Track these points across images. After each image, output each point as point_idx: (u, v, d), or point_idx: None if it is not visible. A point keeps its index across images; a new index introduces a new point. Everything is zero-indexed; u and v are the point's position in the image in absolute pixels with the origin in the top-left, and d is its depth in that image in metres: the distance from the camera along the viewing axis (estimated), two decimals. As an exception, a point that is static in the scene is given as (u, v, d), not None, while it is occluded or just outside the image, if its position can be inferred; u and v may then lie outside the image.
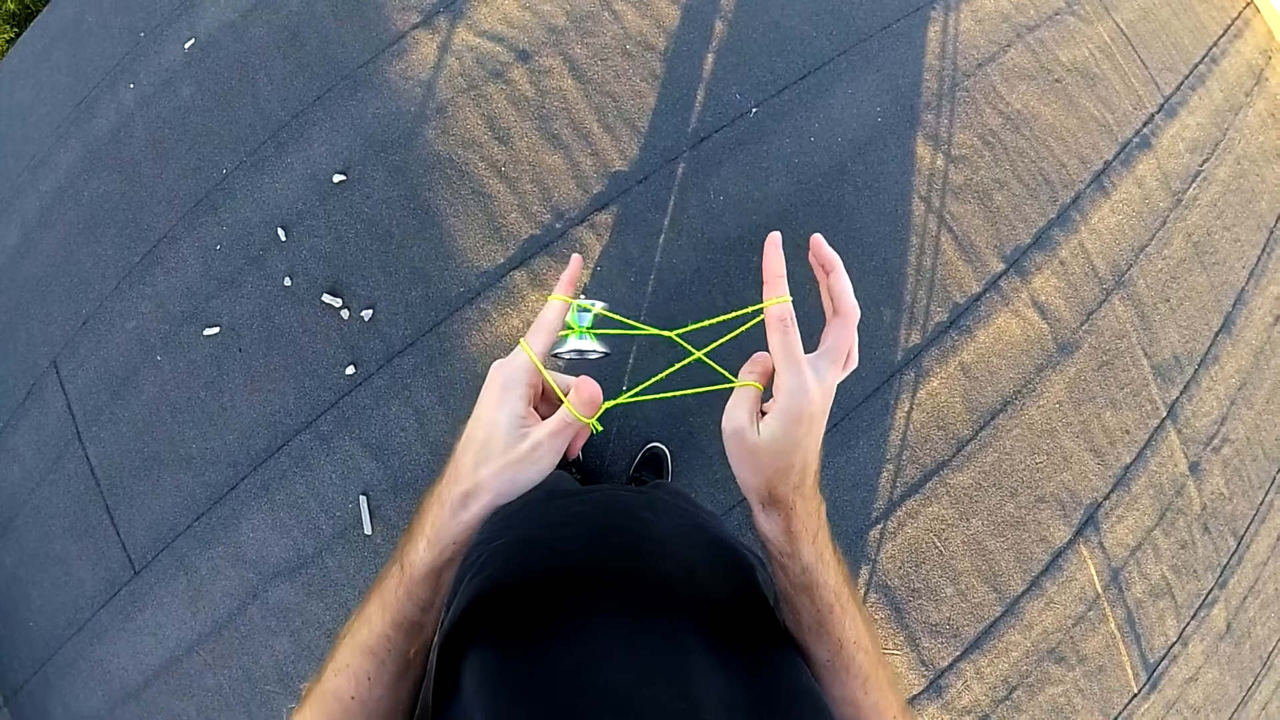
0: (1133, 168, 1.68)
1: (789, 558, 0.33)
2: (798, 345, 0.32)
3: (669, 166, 1.44)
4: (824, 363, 0.33)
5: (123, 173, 1.60)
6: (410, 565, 0.32)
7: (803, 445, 0.32)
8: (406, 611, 0.31)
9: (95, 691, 1.38)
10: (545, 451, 0.32)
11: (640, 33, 1.52)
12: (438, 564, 0.31)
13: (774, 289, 0.33)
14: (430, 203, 1.42)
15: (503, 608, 0.38)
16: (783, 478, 0.32)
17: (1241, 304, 1.71)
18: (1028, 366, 1.47)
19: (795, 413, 0.31)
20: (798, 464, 0.32)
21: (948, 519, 1.37)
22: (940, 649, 1.33)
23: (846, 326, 0.33)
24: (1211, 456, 1.58)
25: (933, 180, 1.52)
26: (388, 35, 1.51)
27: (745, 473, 0.33)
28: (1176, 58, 1.87)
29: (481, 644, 0.35)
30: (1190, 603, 1.49)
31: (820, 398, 0.32)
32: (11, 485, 1.53)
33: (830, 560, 0.34)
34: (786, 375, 0.31)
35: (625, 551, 0.45)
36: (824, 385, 0.32)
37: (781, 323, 0.32)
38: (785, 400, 0.31)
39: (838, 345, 0.33)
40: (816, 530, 0.34)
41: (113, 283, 1.53)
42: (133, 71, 1.67)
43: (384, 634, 0.31)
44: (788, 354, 0.31)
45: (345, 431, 1.33)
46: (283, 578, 1.32)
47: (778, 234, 0.34)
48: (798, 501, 0.33)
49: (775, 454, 0.32)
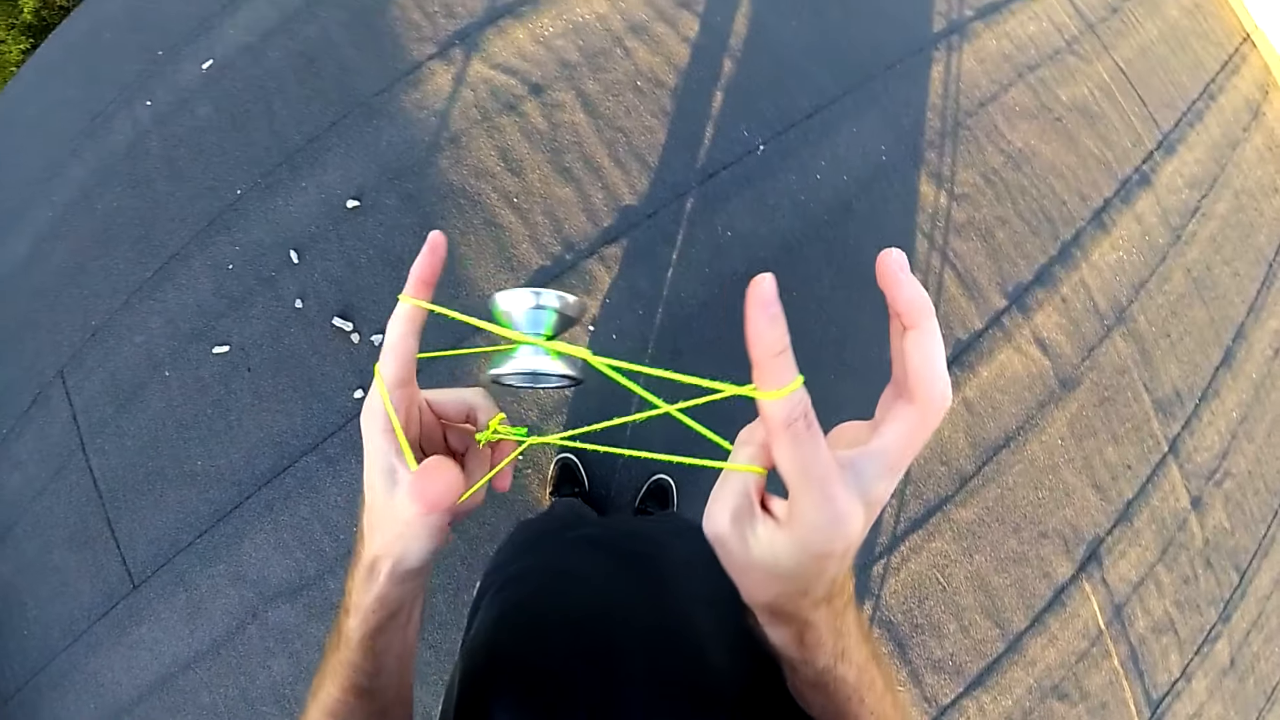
0: (1132, 204, 1.71)
1: (801, 664, 0.27)
2: (820, 456, 0.21)
3: (678, 201, 1.47)
4: (873, 470, 0.21)
5: (136, 188, 1.62)
6: (344, 635, 0.30)
7: (827, 577, 0.23)
8: (354, 679, 0.29)
9: (87, 704, 1.37)
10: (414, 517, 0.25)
11: (651, 70, 1.56)
12: (366, 633, 0.29)
13: (772, 375, 0.20)
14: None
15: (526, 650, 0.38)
16: (793, 600, 0.24)
17: (1241, 338, 1.73)
18: (1030, 402, 1.48)
19: (819, 549, 0.21)
20: (817, 588, 0.23)
21: (951, 554, 1.37)
22: (943, 685, 1.33)
23: (924, 420, 0.22)
24: (1213, 490, 1.59)
25: (936, 217, 1.54)
26: (404, 65, 1.54)
27: (741, 587, 0.25)
28: (1175, 95, 1.91)
29: (509, 693, 0.34)
30: (1193, 638, 1.49)
31: (862, 526, 0.22)
32: (12, 493, 1.53)
33: (854, 650, 0.27)
34: (808, 503, 0.21)
35: (652, 588, 0.45)
36: (870, 503, 0.22)
37: (790, 429, 0.20)
38: (806, 534, 0.21)
39: (903, 445, 0.22)
40: (839, 630, 0.26)
41: (123, 296, 1.55)
42: (149, 89, 1.70)
43: (340, 699, 0.30)
44: (808, 472, 0.20)
45: (352, 455, 1.34)
46: (283, 599, 1.31)
47: (768, 280, 0.21)
48: (817, 616, 0.25)
49: (777, 579, 0.23)
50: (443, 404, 0.31)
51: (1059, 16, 1.85)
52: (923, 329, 0.22)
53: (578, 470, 1.32)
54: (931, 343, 0.22)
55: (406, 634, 0.31)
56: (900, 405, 0.22)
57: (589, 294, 1.42)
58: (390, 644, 0.30)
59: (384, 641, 0.29)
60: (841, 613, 0.26)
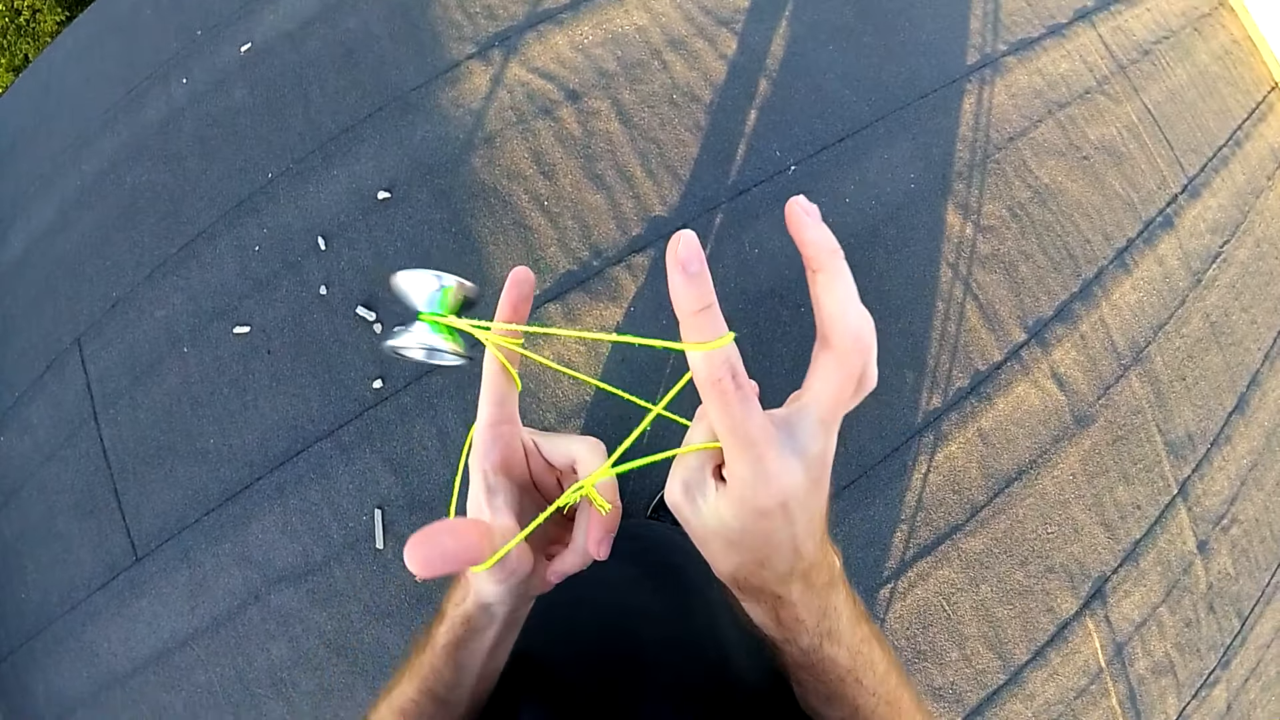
0: (1155, 246, 1.72)
1: (785, 642, 0.27)
2: (752, 415, 0.21)
3: (707, 215, 1.48)
4: (806, 426, 0.21)
5: (167, 164, 1.63)
6: (433, 638, 0.30)
7: (777, 540, 0.22)
8: (430, 684, 0.30)
9: (81, 673, 1.36)
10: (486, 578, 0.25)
11: (688, 84, 1.57)
12: (451, 641, 0.29)
13: (695, 331, 0.21)
14: (471, 229, 1.45)
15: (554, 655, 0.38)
16: (754, 573, 0.24)
17: (1255, 385, 1.73)
18: (1044, 437, 1.48)
19: (754, 507, 0.22)
20: (778, 558, 0.23)
21: (958, 583, 1.37)
22: (943, 713, 1.33)
23: (842, 363, 0.21)
24: (1220, 536, 1.59)
25: (961, 248, 1.55)
26: (442, 63, 1.56)
27: (705, 556, 0.25)
28: (1201, 140, 1.93)
29: (536, 698, 0.35)
30: (1192, 681, 1.49)
31: (800, 481, 0.21)
32: (21, 456, 1.53)
33: (843, 629, 0.26)
34: (736, 460, 0.21)
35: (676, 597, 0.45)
36: (806, 459, 0.21)
37: (717, 385, 0.20)
38: (740, 490, 0.22)
39: (829, 395, 0.21)
40: (823, 610, 0.25)
41: (146, 270, 1.56)
42: (186, 67, 1.72)
43: (413, 699, 0.30)
44: (735, 431, 0.21)
45: (367, 444, 1.34)
46: (287, 583, 1.31)
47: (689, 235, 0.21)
48: (788, 592, 0.24)
49: (737, 547, 0.23)
50: (549, 450, 0.29)
51: (1091, 56, 1.87)
52: (829, 269, 0.22)
53: None
54: (840, 283, 0.21)
55: (490, 657, 0.31)
56: (821, 354, 0.22)
57: (614, 302, 1.43)
58: (471, 660, 0.30)
59: (466, 655, 0.30)
60: (824, 592, 0.25)
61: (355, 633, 1.28)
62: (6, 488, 1.53)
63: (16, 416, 1.57)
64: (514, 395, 0.28)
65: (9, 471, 1.54)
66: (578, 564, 0.28)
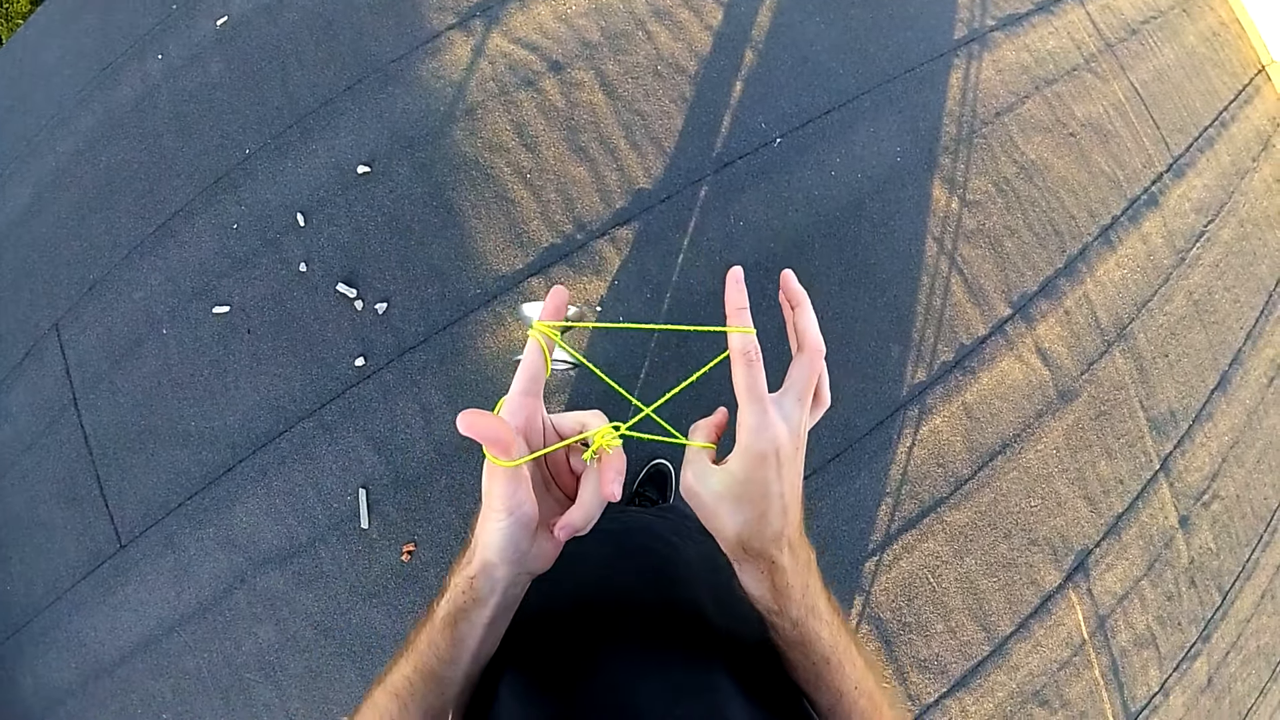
0: (1139, 224, 1.73)
1: (777, 615, 0.32)
2: (762, 381, 0.30)
3: (692, 188, 1.46)
4: (789, 400, 0.31)
5: (143, 142, 1.59)
6: (433, 612, 0.32)
7: (772, 491, 0.29)
8: (427, 659, 0.31)
9: (69, 663, 1.35)
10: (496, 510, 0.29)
11: (672, 55, 1.55)
12: (451, 612, 0.31)
13: (737, 321, 0.31)
14: (453, 202, 1.43)
15: (533, 626, 0.39)
16: (756, 530, 0.30)
17: (1238, 364, 1.75)
18: (1028, 411, 1.49)
19: (758, 452, 0.29)
20: (772, 514, 0.30)
21: (942, 556, 1.38)
22: (927, 685, 1.34)
23: (811, 362, 0.32)
24: (1201, 511, 1.61)
25: (946, 223, 1.55)
26: (422, 33, 1.52)
27: (715, 526, 0.31)
28: (1187, 120, 1.93)
29: (514, 665, 0.35)
30: (1174, 654, 1.51)
31: (787, 436, 0.30)
32: (1, 445, 1.50)
33: (824, 611, 0.32)
34: (748, 412, 0.29)
35: (653, 573, 0.46)
36: (790, 423, 0.30)
37: (745, 356, 0.30)
38: (747, 438, 0.29)
39: (802, 382, 0.31)
40: (806, 585, 0.32)
41: (123, 251, 1.52)
42: (162, 43, 1.67)
43: (408, 678, 0.32)
44: (751, 390, 0.29)
45: (350, 423, 1.32)
46: (273, 565, 1.30)
47: (739, 269, 0.33)
48: (779, 555, 0.30)
49: (741, 501, 0.30)
50: (562, 424, 0.34)
51: (1079, 34, 1.86)
52: (801, 307, 0.34)
53: None
54: (808, 313, 0.34)
55: (487, 633, 0.32)
56: (797, 356, 0.33)
57: (598, 275, 1.41)
58: (470, 634, 0.32)
59: (466, 628, 0.32)
60: (805, 570, 0.32)
61: (342, 613, 1.27)
62: (-14, 476, 1.50)
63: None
64: (544, 377, 0.33)
65: (-12, 460, 1.51)
66: (584, 516, 0.32)
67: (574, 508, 0.32)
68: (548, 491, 0.34)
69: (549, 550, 0.32)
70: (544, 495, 0.33)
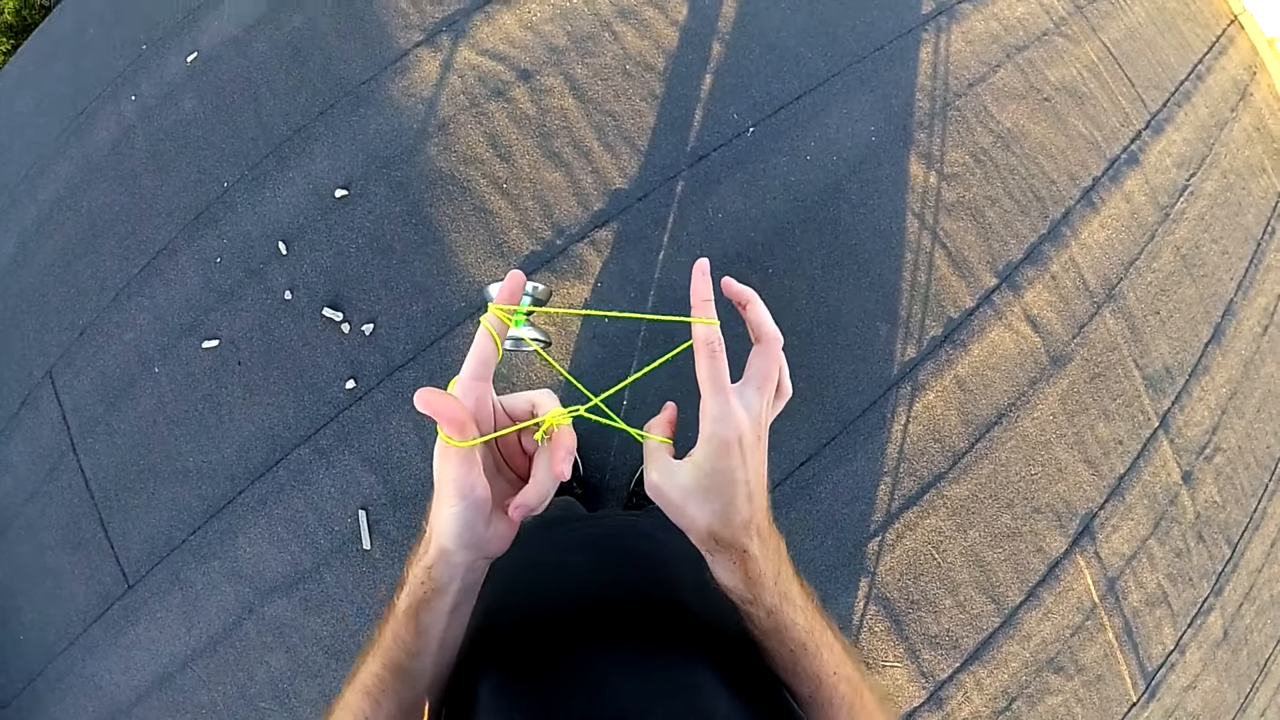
0: (1121, 183, 1.72)
1: (752, 604, 0.32)
2: (724, 372, 0.31)
3: (668, 184, 1.47)
4: (749, 390, 0.32)
5: (123, 184, 1.60)
6: (394, 608, 0.32)
7: (738, 479, 0.30)
8: (393, 654, 0.31)
9: (86, 707, 1.36)
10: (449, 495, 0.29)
11: (640, 53, 1.55)
12: (412, 604, 0.31)
13: (701, 313, 0.32)
14: (432, 218, 1.43)
15: (514, 630, 0.39)
16: (725, 520, 0.30)
17: (1230, 315, 1.75)
18: (1021, 379, 1.49)
19: (722, 440, 0.30)
20: (739, 501, 0.30)
21: (945, 531, 1.38)
22: (940, 660, 1.34)
23: (769, 353, 0.33)
24: (1204, 465, 1.60)
25: (926, 197, 1.55)
26: (390, 53, 1.53)
27: (684, 521, 0.32)
28: (1163, 75, 1.92)
29: (494, 667, 0.35)
30: (1187, 611, 1.50)
31: (748, 425, 0.30)
32: (4, 496, 1.51)
33: (797, 598, 0.33)
34: (712, 402, 0.30)
35: (635, 573, 0.46)
36: (751, 412, 0.31)
37: (709, 347, 0.31)
38: (710, 427, 0.30)
39: (761, 372, 0.32)
40: (778, 572, 0.32)
41: (110, 294, 1.53)
42: (134, 83, 1.68)
43: (378, 674, 0.32)
44: (714, 380, 0.30)
45: (345, 446, 1.33)
46: (279, 593, 1.31)
47: (705, 261, 0.33)
48: (750, 543, 0.31)
49: (709, 492, 0.30)
50: (512, 405, 0.34)
51: (1046, -2, 1.86)
52: (752, 304, 0.35)
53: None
54: (760, 308, 0.34)
55: (451, 620, 0.32)
56: (756, 347, 0.34)
57: (580, 279, 1.41)
58: (434, 623, 0.32)
59: (428, 619, 0.31)
60: (775, 557, 0.32)
61: (351, 635, 1.28)
62: (-7, 529, 1.51)
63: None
64: (494, 361, 0.33)
65: (-6, 512, 1.52)
66: (538, 495, 0.32)
67: (528, 487, 0.32)
68: (499, 473, 0.34)
69: (505, 532, 0.32)
70: (495, 477, 0.33)
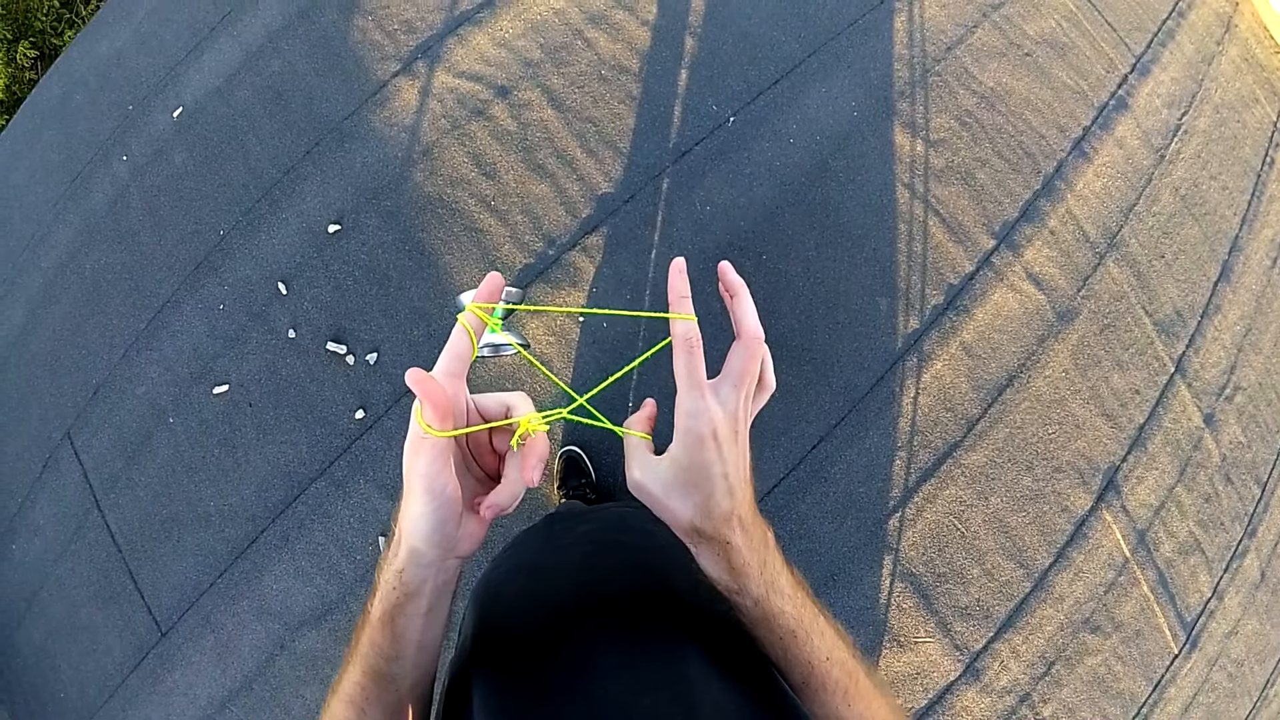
0: (1112, 130, 1.70)
1: (738, 594, 0.32)
2: (700, 368, 0.31)
3: (654, 183, 1.47)
4: (726, 386, 0.32)
5: (122, 243, 1.63)
6: (369, 614, 0.32)
7: (715, 472, 0.30)
8: (372, 661, 0.32)
9: (132, 758, 1.38)
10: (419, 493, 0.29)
11: (614, 57, 1.55)
12: (386, 610, 0.31)
13: (679, 309, 0.32)
14: (425, 243, 1.45)
15: (507, 632, 0.39)
16: (705, 513, 0.31)
17: (1237, 250, 1.71)
18: (1029, 339, 1.47)
19: (697, 434, 0.30)
20: (719, 494, 0.31)
21: (966, 500, 1.36)
22: (973, 631, 1.32)
23: (748, 350, 0.32)
24: (1225, 406, 1.57)
25: (914, 166, 1.53)
26: (369, 86, 1.55)
27: (667, 515, 0.32)
28: (1144, 16, 1.89)
29: (488, 669, 0.36)
30: (1221, 555, 1.47)
31: (723, 419, 0.31)
32: (34, 559, 1.54)
33: (785, 586, 0.33)
34: (686, 398, 0.31)
35: (625, 567, 0.46)
36: (727, 408, 0.31)
37: (686, 343, 0.31)
38: (685, 421, 0.31)
39: (740, 369, 0.32)
40: (763, 562, 0.32)
41: (120, 351, 1.56)
42: (124, 144, 1.71)
43: (359, 682, 0.32)
44: (690, 376, 0.31)
45: (360, 475, 1.34)
46: (309, 626, 1.32)
47: (681, 260, 0.34)
48: (732, 535, 0.31)
49: (688, 486, 0.31)
50: (485, 405, 0.34)
51: (1015, -47, 1.83)
52: (739, 296, 0.34)
53: (583, 461, 1.32)
54: (745, 302, 0.34)
55: (427, 623, 0.32)
56: (735, 344, 0.33)
57: (575, 286, 1.42)
58: (409, 627, 0.31)
59: (403, 623, 0.31)
60: (760, 548, 0.32)
61: (387, 660, 1.29)
62: (27, 592, 1.54)
63: (24, 521, 1.58)
64: (469, 358, 0.33)
65: (27, 577, 1.55)
66: (510, 496, 0.32)
67: (500, 487, 0.32)
68: (468, 471, 0.34)
69: (476, 531, 0.32)
70: (464, 475, 0.33)
